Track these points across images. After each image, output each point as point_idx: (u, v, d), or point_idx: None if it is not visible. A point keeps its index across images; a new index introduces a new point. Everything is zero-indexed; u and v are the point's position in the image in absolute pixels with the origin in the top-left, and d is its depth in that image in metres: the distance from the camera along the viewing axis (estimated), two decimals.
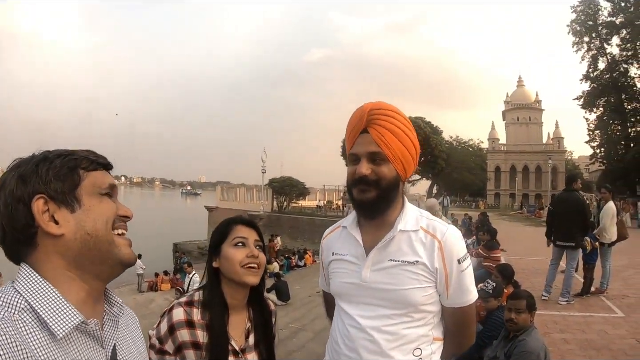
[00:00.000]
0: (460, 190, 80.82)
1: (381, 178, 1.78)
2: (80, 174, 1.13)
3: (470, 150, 79.83)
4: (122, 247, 1.15)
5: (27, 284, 1.04)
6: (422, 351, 1.81)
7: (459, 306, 1.86)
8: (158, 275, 21.79)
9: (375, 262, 1.83)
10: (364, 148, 1.79)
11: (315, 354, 7.26)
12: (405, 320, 1.79)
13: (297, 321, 10.11)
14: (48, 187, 1.09)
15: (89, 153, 1.19)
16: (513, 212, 54.54)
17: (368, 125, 1.79)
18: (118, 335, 1.19)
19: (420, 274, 1.79)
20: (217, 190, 47.97)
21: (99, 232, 1.11)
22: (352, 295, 1.88)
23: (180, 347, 1.84)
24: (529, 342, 3.99)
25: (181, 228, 47.05)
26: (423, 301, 1.80)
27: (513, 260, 11.94)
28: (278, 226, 33.17)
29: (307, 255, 25.44)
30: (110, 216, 1.14)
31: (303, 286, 15.94)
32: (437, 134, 57.00)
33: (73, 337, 1.03)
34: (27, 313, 0.99)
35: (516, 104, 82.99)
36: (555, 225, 8.88)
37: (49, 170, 1.11)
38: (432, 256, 1.80)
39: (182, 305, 1.90)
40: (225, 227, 2.00)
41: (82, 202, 1.12)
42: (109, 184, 1.18)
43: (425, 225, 1.86)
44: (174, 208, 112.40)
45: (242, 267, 1.89)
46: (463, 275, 1.83)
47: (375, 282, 1.81)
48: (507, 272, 6.43)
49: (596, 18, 50.07)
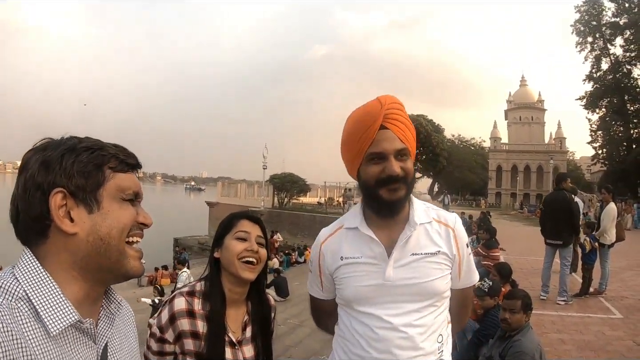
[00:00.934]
0: (461, 189, 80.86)
1: (408, 174, 1.76)
2: (106, 174, 1.09)
3: (471, 149, 80.00)
4: (132, 260, 1.12)
5: (28, 273, 1.01)
6: (443, 336, 1.84)
7: (467, 286, 1.96)
8: (158, 270, 21.87)
9: (398, 259, 1.80)
10: (391, 145, 1.74)
11: (312, 350, 7.32)
12: (431, 310, 1.80)
13: (295, 317, 10.15)
14: (70, 182, 1.05)
15: (119, 151, 1.14)
16: (514, 212, 54.54)
17: (385, 120, 1.74)
18: (112, 331, 1.17)
19: (442, 262, 1.82)
20: (218, 185, 47.95)
21: (112, 240, 1.07)
22: (375, 297, 1.81)
23: (179, 336, 1.86)
24: (524, 342, 3.99)
25: (182, 223, 47.12)
26: (445, 288, 1.84)
27: (512, 259, 11.97)
28: (278, 222, 33.13)
29: (307, 251, 25.35)
30: (128, 224, 1.10)
31: (302, 282, 15.92)
32: (438, 132, 57.10)
33: (66, 332, 1.01)
34: (24, 302, 0.97)
35: (518, 104, 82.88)
36: (545, 224, 9.03)
37: (74, 164, 1.07)
38: (450, 244, 1.84)
39: (183, 295, 1.92)
40: (230, 220, 2.02)
41: (102, 204, 1.08)
42: (134, 191, 1.14)
43: (436, 216, 1.89)
44: (175, 203, 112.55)
45: (239, 260, 1.91)
46: (470, 258, 1.93)
47: (400, 278, 1.78)
48: (504, 271, 6.44)
49: (600, 18, 50.11)
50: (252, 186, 47.85)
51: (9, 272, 1.02)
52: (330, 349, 2.03)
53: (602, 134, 51.70)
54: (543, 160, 75.55)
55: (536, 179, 79.30)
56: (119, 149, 1.15)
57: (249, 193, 46.40)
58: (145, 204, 1.20)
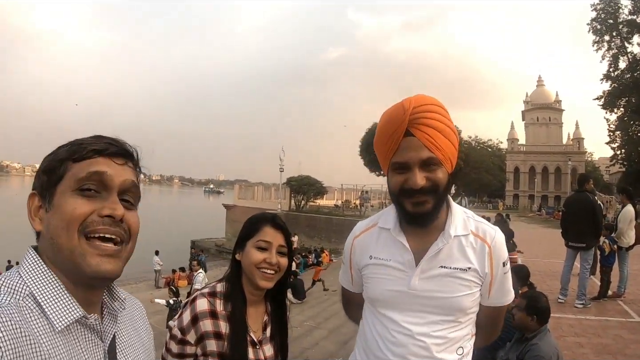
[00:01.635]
0: (478, 191, 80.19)
1: (438, 185, 1.64)
2: (66, 167, 1.04)
3: (489, 151, 79.44)
4: (90, 257, 1.01)
5: (31, 271, 1.02)
6: (464, 349, 1.78)
7: (498, 305, 1.83)
8: (175, 272, 22.03)
9: (425, 269, 1.72)
10: (415, 154, 1.61)
11: (328, 352, 7.28)
12: (453, 324, 1.74)
13: (311, 319, 10.20)
14: (38, 181, 1.07)
15: (93, 140, 1.08)
16: (531, 214, 54.08)
17: (411, 126, 1.60)
18: (118, 327, 1.15)
19: (471, 280, 1.72)
20: (235, 188, 48.09)
21: (59, 238, 1.00)
22: (398, 303, 1.77)
23: (202, 337, 1.85)
24: (541, 346, 3.96)
25: (200, 225, 47.31)
26: (471, 305, 1.75)
27: (530, 262, 11.85)
28: (295, 225, 33.02)
29: (324, 254, 25.40)
30: (74, 219, 1.00)
31: (318, 285, 15.99)
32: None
33: (73, 328, 1.01)
34: (30, 300, 0.97)
35: (536, 104, 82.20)
36: (567, 227, 8.84)
37: (43, 164, 1.07)
38: (483, 262, 1.73)
39: (205, 296, 1.92)
40: (254, 225, 1.99)
41: (54, 200, 1.03)
42: (88, 173, 1.03)
43: (474, 229, 1.76)
44: (193, 206, 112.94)
45: (258, 269, 1.91)
46: (505, 277, 1.79)
47: (425, 290, 1.72)
48: (522, 274, 6.38)
49: (617, 16, 49.35)
50: (268, 189, 47.97)
51: (15, 272, 1.03)
52: (346, 351, 2.05)
53: (621, 134, 50.89)
54: (561, 161, 74.75)
55: (554, 180, 78.49)
56: (96, 138, 1.09)
57: (265, 196, 46.48)
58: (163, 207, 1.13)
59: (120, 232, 1.04)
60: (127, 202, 1.08)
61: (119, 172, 1.06)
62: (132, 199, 1.10)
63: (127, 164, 1.10)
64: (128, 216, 1.06)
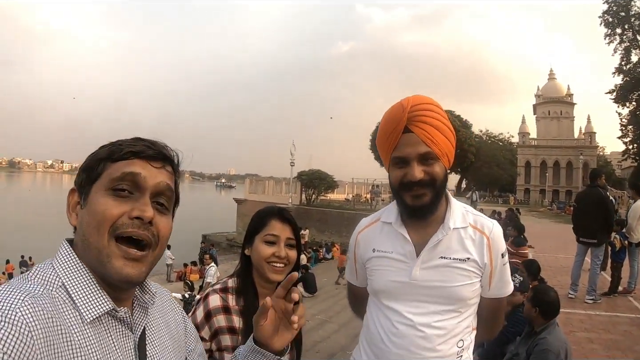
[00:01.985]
0: (489, 185, 79.43)
1: (435, 179, 1.74)
2: (103, 166, 1.06)
3: (500, 145, 78.56)
4: (115, 260, 1.01)
5: (64, 263, 1.03)
6: (464, 342, 1.84)
7: (498, 297, 1.90)
8: (187, 266, 22.20)
9: (426, 260, 1.81)
10: (413, 149, 1.72)
11: (339, 345, 7.36)
12: (454, 315, 1.80)
13: (323, 313, 10.27)
14: (79, 178, 1.09)
15: (132, 142, 1.09)
16: (543, 209, 53.56)
17: (410, 123, 1.71)
18: (148, 319, 1.16)
19: (470, 270, 1.80)
20: (246, 182, 48.10)
21: (90, 237, 1.01)
22: (400, 294, 1.84)
23: (216, 333, 1.89)
24: (549, 339, 3.99)
25: (211, 220, 47.45)
26: (470, 296, 1.82)
27: (540, 257, 11.86)
28: (306, 219, 33.08)
29: (335, 248, 25.37)
30: (105, 220, 1.01)
31: (330, 278, 16.05)
32: (466, 127, 56.72)
33: (103, 319, 1.02)
34: (62, 291, 0.99)
35: (547, 98, 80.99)
36: (578, 222, 8.79)
37: (85, 161, 1.09)
38: (482, 252, 1.81)
39: (217, 292, 1.95)
40: (262, 219, 2.01)
41: (88, 198, 1.05)
42: (122, 173, 1.04)
43: (473, 222, 1.85)
44: (204, 200, 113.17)
45: (267, 263, 1.93)
46: (504, 268, 1.86)
47: (426, 280, 1.80)
48: (533, 269, 6.39)
49: (629, 9, 48.70)
50: (279, 183, 47.81)
51: (48, 264, 1.04)
52: (356, 345, 2.10)
53: (633, 128, 50.30)
54: (572, 155, 73.36)
55: (565, 175, 77.25)
56: (135, 140, 1.10)
57: (276, 190, 46.39)
58: None
59: (147, 236, 1.04)
60: (161, 205, 1.09)
61: (154, 174, 1.07)
62: (167, 202, 1.11)
63: (164, 167, 1.10)
64: (158, 220, 1.06)
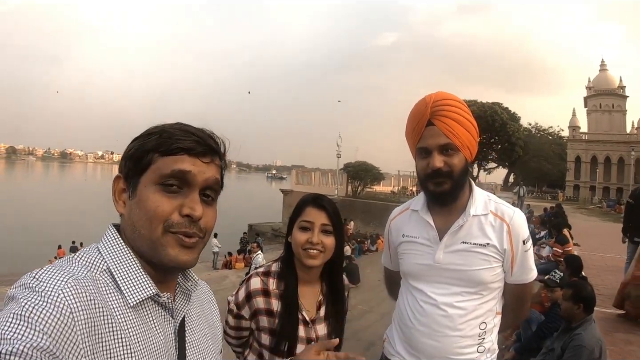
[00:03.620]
0: (537, 180, 77.17)
1: (454, 169, 1.88)
2: (151, 158, 1.05)
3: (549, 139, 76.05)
4: (170, 249, 1.04)
5: (110, 247, 1.05)
6: (487, 324, 1.97)
7: (521, 283, 2.00)
8: (232, 255, 22.60)
9: (448, 244, 1.96)
10: (434, 141, 1.87)
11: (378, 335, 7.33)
12: (476, 297, 1.94)
13: (365, 303, 10.38)
14: (125, 166, 1.09)
15: (181, 135, 1.07)
16: (592, 206, 51.96)
17: (432, 117, 1.87)
18: (189, 307, 1.19)
19: (490, 255, 1.92)
20: (293, 174, 48.29)
21: (142, 230, 1.04)
22: (426, 275, 2.01)
23: (255, 313, 2.00)
24: (584, 336, 4.01)
25: (258, 210, 47.87)
26: (491, 280, 1.94)
27: (585, 255, 11.56)
28: (351, 211, 33.05)
29: (380, 240, 25.29)
30: (156, 217, 1.03)
31: (373, 270, 16.05)
32: (514, 120, 55.56)
33: (146, 304, 1.05)
34: (107, 274, 1.01)
35: (598, 90, 77.47)
36: (633, 220, 8.23)
37: (131, 149, 1.08)
38: (502, 238, 1.92)
39: (259, 275, 2.05)
40: (299, 207, 2.07)
41: (137, 190, 1.05)
42: (172, 171, 1.04)
43: (494, 209, 1.97)
44: (251, 191, 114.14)
45: (303, 249, 1.98)
46: (526, 255, 1.96)
47: (448, 263, 1.95)
48: (575, 264, 6.37)
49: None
50: (325, 174, 47.77)
51: (94, 247, 1.07)
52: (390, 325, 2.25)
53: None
54: (624, 151, 70.49)
55: (617, 171, 73.74)
56: (184, 131, 1.08)
57: (322, 181, 46.33)
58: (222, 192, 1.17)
59: (196, 232, 1.06)
60: (207, 197, 1.11)
61: (203, 169, 1.07)
62: (214, 194, 1.13)
63: (213, 161, 1.11)
64: (206, 212, 1.08)
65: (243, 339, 2.14)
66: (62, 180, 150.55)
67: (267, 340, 1.99)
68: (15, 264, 20.14)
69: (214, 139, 1.13)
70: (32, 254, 23.42)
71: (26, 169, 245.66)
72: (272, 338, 1.98)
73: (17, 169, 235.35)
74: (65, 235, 26.61)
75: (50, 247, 24.26)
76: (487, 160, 60.50)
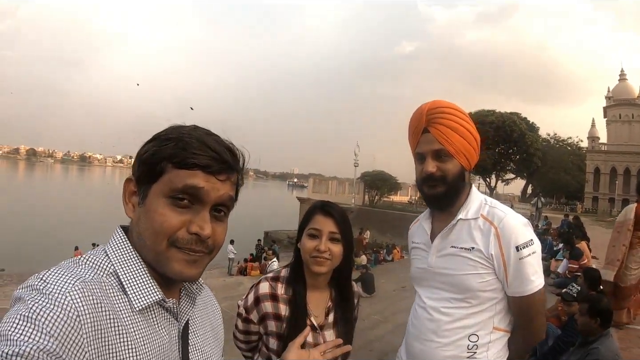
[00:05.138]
0: (556, 192, 76.26)
1: (447, 174, 1.91)
2: (164, 167, 1.02)
3: (568, 149, 75.17)
4: (176, 263, 1.02)
5: (117, 250, 1.05)
6: (479, 338, 1.88)
7: (520, 295, 1.85)
8: (247, 261, 22.70)
9: (440, 249, 1.99)
10: (428, 147, 1.93)
11: (393, 345, 7.30)
12: (464, 305, 1.90)
13: (379, 313, 10.34)
14: (138, 169, 1.06)
15: (198, 147, 1.03)
16: (610, 218, 51.24)
17: (428, 125, 1.92)
18: (193, 310, 1.18)
19: (476, 260, 1.87)
20: (310, 182, 48.41)
21: (148, 241, 1.02)
22: (422, 279, 2.07)
23: (263, 317, 2.01)
24: (601, 350, 3.95)
25: (274, 217, 47.99)
26: (480, 287, 1.87)
27: None
28: (368, 220, 32.97)
29: (396, 250, 25.25)
30: (163, 231, 1.01)
31: (388, 280, 16.04)
32: (533, 130, 55.30)
33: (152, 308, 1.05)
34: (113, 277, 1.01)
35: (618, 100, 74.65)
36: None
37: (145, 152, 1.05)
38: (488, 242, 1.85)
39: (268, 280, 2.08)
40: (308, 214, 2.09)
41: (147, 199, 1.03)
42: (184, 186, 1.01)
43: (485, 213, 1.93)
44: (268, 198, 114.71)
45: (311, 257, 1.98)
46: (522, 263, 1.82)
47: (439, 267, 1.97)
48: (592, 277, 6.29)
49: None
50: (342, 183, 47.85)
51: (102, 249, 1.06)
52: None
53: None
54: None
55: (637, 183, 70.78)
56: (201, 143, 1.03)
57: (339, 190, 46.37)
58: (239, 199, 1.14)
59: (203, 250, 1.04)
60: (219, 212, 1.08)
61: (217, 187, 1.04)
62: (226, 210, 1.10)
63: (229, 179, 1.07)
64: (215, 229, 1.06)
65: (252, 343, 2.15)
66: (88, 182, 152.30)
67: (275, 345, 2.00)
68: (32, 264, 20.39)
69: (233, 152, 1.09)
70: (50, 254, 23.65)
71: (45, 171, 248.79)
72: (280, 343, 1.98)
73: (36, 170, 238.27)
74: (83, 237, 26.83)
75: (69, 247, 24.42)
76: (505, 171, 60.23)
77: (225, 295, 12.24)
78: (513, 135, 51.73)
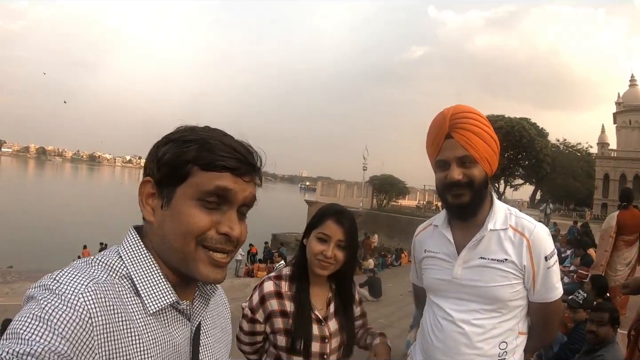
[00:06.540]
0: (565, 198, 75.55)
1: (473, 180, 1.84)
2: (190, 170, 1.02)
3: (577, 155, 74.57)
4: (202, 265, 1.03)
5: (131, 252, 1.04)
6: (508, 344, 1.89)
7: (545, 301, 1.91)
8: (255, 264, 22.76)
9: (466, 260, 1.91)
10: (453, 153, 1.85)
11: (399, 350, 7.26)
12: (495, 315, 1.88)
13: (385, 317, 10.31)
14: (158, 172, 1.05)
15: (224, 149, 1.03)
16: None
17: (451, 130, 1.85)
18: (206, 312, 1.19)
19: (508, 271, 1.85)
20: (318, 185, 48.47)
21: (175, 243, 1.02)
22: (444, 291, 1.98)
23: (269, 316, 2.05)
24: (607, 357, 3.94)
25: (282, 220, 47.99)
26: (511, 297, 1.87)
27: None
28: (376, 224, 33.03)
29: (403, 254, 25.18)
30: (195, 231, 1.01)
31: (395, 284, 15.96)
32: (542, 136, 54.76)
33: (165, 310, 1.05)
34: (126, 280, 1.01)
35: (628, 106, 73.64)
36: None
37: (166, 154, 1.04)
38: (521, 254, 1.85)
39: (271, 279, 2.13)
40: (320, 216, 2.11)
41: (173, 202, 1.02)
42: (214, 188, 1.01)
43: (514, 224, 1.90)
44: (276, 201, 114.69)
45: (316, 259, 2.03)
46: (549, 272, 1.87)
47: (466, 279, 1.90)
48: (599, 284, 6.27)
49: None
50: (351, 187, 47.76)
51: (115, 251, 1.06)
52: None
53: None
54: None
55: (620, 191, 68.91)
56: (226, 146, 1.04)
57: (348, 194, 46.33)
58: None
59: (231, 249, 1.06)
60: (242, 212, 1.10)
61: (244, 188, 1.06)
62: (246, 209, 1.11)
63: (253, 180, 1.10)
64: (241, 229, 1.07)
65: (257, 345, 2.17)
66: (91, 182, 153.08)
67: (283, 341, 2.04)
68: (40, 261, 20.54)
69: (253, 152, 1.10)
70: (58, 252, 23.81)
71: (54, 169, 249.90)
72: (288, 338, 2.02)
73: (45, 169, 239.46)
74: (91, 236, 26.97)
75: (77, 245, 24.59)
76: (514, 177, 59.81)
77: (232, 296, 12.26)
78: (522, 141, 51.24)
